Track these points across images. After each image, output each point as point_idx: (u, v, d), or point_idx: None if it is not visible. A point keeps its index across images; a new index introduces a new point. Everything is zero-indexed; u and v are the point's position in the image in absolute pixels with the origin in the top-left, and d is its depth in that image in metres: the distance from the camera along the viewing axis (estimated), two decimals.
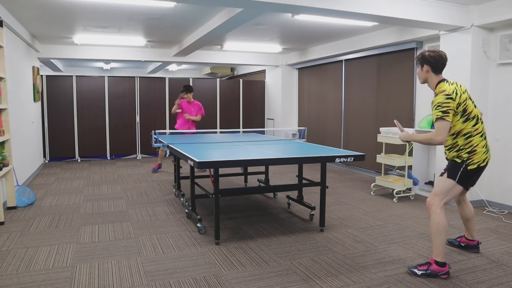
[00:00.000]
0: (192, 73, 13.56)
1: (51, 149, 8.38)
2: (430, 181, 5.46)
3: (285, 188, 4.84)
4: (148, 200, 5.08)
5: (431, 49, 2.99)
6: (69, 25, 5.93)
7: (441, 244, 2.84)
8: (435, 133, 2.77)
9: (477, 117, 2.89)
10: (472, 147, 2.87)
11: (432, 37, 5.41)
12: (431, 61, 2.91)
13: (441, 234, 2.84)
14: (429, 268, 2.85)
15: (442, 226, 2.83)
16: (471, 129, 2.86)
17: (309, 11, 4.09)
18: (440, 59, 2.91)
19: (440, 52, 2.93)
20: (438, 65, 2.91)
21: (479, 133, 2.89)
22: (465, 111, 2.83)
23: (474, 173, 2.91)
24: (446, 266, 2.84)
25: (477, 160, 2.86)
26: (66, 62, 11.38)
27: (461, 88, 2.88)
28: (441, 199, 2.89)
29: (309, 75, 8.82)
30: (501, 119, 4.67)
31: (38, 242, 3.51)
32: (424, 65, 2.96)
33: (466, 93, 2.88)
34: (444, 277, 2.82)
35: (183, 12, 5.12)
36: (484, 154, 2.88)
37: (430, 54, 2.92)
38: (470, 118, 2.85)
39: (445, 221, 2.85)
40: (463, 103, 2.81)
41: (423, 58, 2.95)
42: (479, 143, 2.87)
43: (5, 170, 4.30)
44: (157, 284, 2.72)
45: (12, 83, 5.26)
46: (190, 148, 4.14)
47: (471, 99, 2.90)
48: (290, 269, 2.97)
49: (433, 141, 2.79)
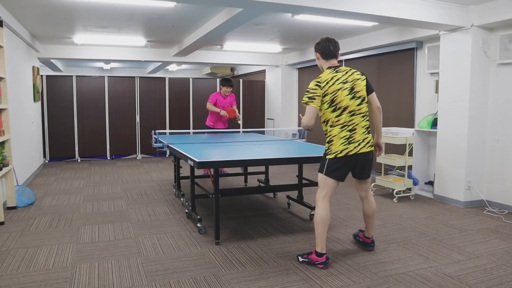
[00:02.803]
0: (192, 73, 13.56)
1: (51, 149, 8.38)
2: (430, 181, 5.46)
3: (285, 188, 4.85)
4: (148, 200, 5.08)
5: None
6: (69, 25, 5.93)
7: (319, 235, 2.95)
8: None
9: (343, 108, 2.93)
10: (331, 136, 2.98)
11: (432, 37, 5.41)
12: (319, 48, 3.08)
13: (319, 226, 2.94)
14: (308, 257, 3.02)
15: (320, 218, 2.94)
16: (334, 119, 2.95)
17: (309, 11, 4.09)
18: (326, 46, 3.05)
19: (326, 39, 3.09)
20: (326, 51, 3.05)
21: (340, 124, 2.94)
22: (333, 102, 2.92)
23: (338, 163, 2.94)
24: (323, 256, 2.96)
25: (334, 151, 2.95)
26: (66, 62, 11.38)
27: (344, 77, 2.95)
28: (321, 191, 3.00)
29: (309, 75, 8.82)
30: (501, 119, 4.67)
31: (38, 242, 3.51)
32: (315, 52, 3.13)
33: (348, 84, 2.94)
34: (321, 266, 2.95)
35: (183, 12, 5.12)
36: (341, 145, 2.93)
37: (319, 41, 3.10)
38: (336, 109, 2.93)
39: (324, 213, 2.93)
40: (332, 94, 2.90)
41: (314, 46, 3.14)
42: (338, 134, 2.94)
43: (5, 170, 4.30)
44: (157, 284, 2.72)
45: (12, 83, 5.26)
46: (190, 148, 4.14)
47: (353, 90, 2.94)
48: (290, 269, 2.97)
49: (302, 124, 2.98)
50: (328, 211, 2.96)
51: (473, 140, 4.75)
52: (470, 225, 4.06)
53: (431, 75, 5.63)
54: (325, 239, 2.98)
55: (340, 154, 2.93)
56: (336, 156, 2.94)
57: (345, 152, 2.92)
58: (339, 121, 2.93)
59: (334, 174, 2.97)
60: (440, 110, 5.04)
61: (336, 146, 2.94)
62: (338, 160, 2.94)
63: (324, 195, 2.98)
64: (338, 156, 2.93)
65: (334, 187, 3.00)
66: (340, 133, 2.93)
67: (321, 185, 3.02)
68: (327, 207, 2.96)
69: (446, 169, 4.97)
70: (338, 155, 2.93)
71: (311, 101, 2.91)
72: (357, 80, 2.97)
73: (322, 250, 2.96)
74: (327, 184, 2.99)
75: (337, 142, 2.94)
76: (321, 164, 3.04)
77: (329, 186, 2.99)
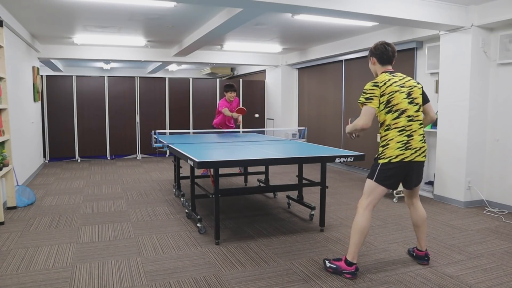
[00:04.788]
0: (192, 73, 13.56)
1: (51, 149, 8.38)
2: (430, 181, 5.46)
3: (285, 188, 4.84)
4: (148, 200, 5.08)
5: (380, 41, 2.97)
6: (69, 25, 5.93)
7: (354, 243, 2.79)
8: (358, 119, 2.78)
9: (401, 111, 2.76)
10: (386, 140, 2.80)
11: (432, 37, 5.41)
12: (376, 53, 2.92)
13: (356, 234, 2.78)
14: (337, 264, 2.88)
15: (359, 227, 2.77)
16: (391, 122, 2.78)
17: (309, 11, 4.10)
18: (385, 51, 2.90)
19: (384, 43, 2.92)
20: (384, 56, 2.90)
21: (399, 128, 2.77)
22: (389, 102, 2.76)
23: (392, 170, 2.76)
24: (353, 266, 2.80)
25: (389, 155, 2.76)
26: (66, 62, 11.38)
27: (401, 81, 2.82)
28: (365, 199, 2.83)
29: (309, 75, 8.82)
30: (501, 119, 4.67)
31: (38, 242, 3.51)
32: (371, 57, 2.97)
33: (405, 88, 2.80)
34: (348, 276, 2.81)
35: (183, 12, 5.12)
36: (397, 150, 2.75)
37: (376, 46, 2.94)
38: (392, 111, 2.77)
39: (364, 223, 2.76)
40: (389, 94, 2.75)
41: (370, 51, 2.98)
42: (394, 138, 2.77)
43: (5, 170, 4.30)
44: (157, 284, 2.72)
45: (12, 83, 5.26)
46: (190, 148, 4.14)
47: (411, 95, 2.80)
48: (290, 269, 2.97)
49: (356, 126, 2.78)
50: (369, 221, 2.78)
51: (473, 140, 4.75)
52: (470, 225, 4.06)
53: (431, 75, 5.63)
54: (359, 249, 2.81)
55: (395, 159, 2.73)
56: (390, 161, 2.74)
57: (400, 157, 2.74)
58: (397, 124, 2.75)
59: (386, 183, 2.77)
60: (440, 110, 5.04)
61: (391, 150, 2.74)
62: (391, 166, 2.74)
63: (368, 203, 2.79)
64: (392, 161, 2.74)
65: (381, 196, 2.82)
66: (398, 137, 2.75)
67: (367, 192, 2.82)
68: (369, 217, 2.78)
69: (446, 169, 4.97)
70: (393, 160, 2.73)
71: (368, 101, 2.74)
72: (414, 87, 2.83)
73: (353, 259, 2.80)
74: (376, 193, 2.79)
75: (393, 146, 2.74)
76: (372, 170, 2.82)
77: (377, 195, 2.80)
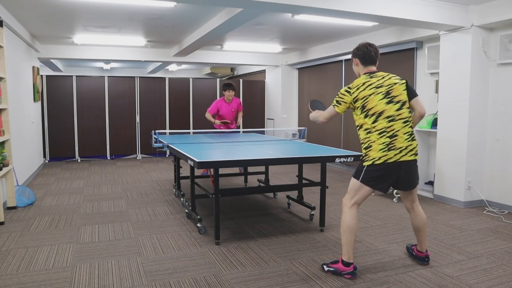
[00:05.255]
0: (192, 73, 13.56)
1: (51, 149, 8.38)
2: (430, 181, 5.46)
3: (285, 188, 4.85)
4: (148, 200, 5.08)
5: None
6: (69, 25, 5.93)
7: (345, 243, 2.80)
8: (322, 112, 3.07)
9: (378, 113, 2.77)
10: (369, 142, 2.82)
11: (432, 37, 5.41)
12: (359, 54, 2.92)
13: (345, 234, 2.80)
14: (335, 266, 2.88)
15: (347, 226, 2.80)
16: (370, 126, 2.80)
17: (309, 11, 4.10)
18: (367, 51, 2.87)
19: (366, 44, 2.91)
20: (366, 57, 2.89)
21: (378, 130, 2.77)
22: (364, 107, 2.80)
23: (377, 172, 2.77)
24: (351, 266, 2.81)
25: (372, 157, 2.78)
26: (66, 62, 11.38)
27: (378, 82, 2.81)
28: (350, 198, 2.85)
29: (309, 75, 8.82)
30: (501, 119, 4.67)
31: (38, 242, 3.51)
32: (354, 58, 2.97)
33: (383, 88, 2.79)
34: (348, 277, 2.80)
35: (183, 12, 5.12)
36: (380, 151, 2.75)
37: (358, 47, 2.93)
38: (369, 115, 2.79)
39: (351, 221, 2.79)
40: (362, 99, 2.79)
41: (352, 52, 2.98)
42: (376, 140, 2.78)
43: (5, 170, 4.30)
44: (157, 284, 2.72)
45: (12, 83, 5.26)
46: (190, 148, 4.14)
47: (389, 95, 2.78)
48: (290, 269, 2.97)
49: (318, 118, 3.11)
50: (356, 219, 2.81)
51: (473, 140, 4.75)
52: (470, 225, 4.06)
53: (431, 75, 5.63)
54: (353, 248, 2.81)
55: (378, 161, 2.75)
56: (374, 163, 2.76)
57: (383, 159, 2.74)
58: (376, 127, 2.77)
59: (371, 183, 2.79)
60: (440, 110, 5.04)
61: (374, 152, 2.76)
62: (376, 167, 2.76)
63: (353, 203, 2.82)
64: (375, 163, 2.75)
65: (366, 196, 2.85)
66: (379, 139, 2.76)
67: (351, 191, 2.86)
68: (356, 214, 2.81)
69: (446, 169, 4.97)
70: (376, 162, 2.75)
71: (336, 105, 2.90)
72: (394, 85, 2.81)
73: (349, 259, 2.80)
74: (360, 192, 2.82)
75: (376, 148, 2.76)
76: (357, 170, 2.86)
77: (361, 195, 2.82)
